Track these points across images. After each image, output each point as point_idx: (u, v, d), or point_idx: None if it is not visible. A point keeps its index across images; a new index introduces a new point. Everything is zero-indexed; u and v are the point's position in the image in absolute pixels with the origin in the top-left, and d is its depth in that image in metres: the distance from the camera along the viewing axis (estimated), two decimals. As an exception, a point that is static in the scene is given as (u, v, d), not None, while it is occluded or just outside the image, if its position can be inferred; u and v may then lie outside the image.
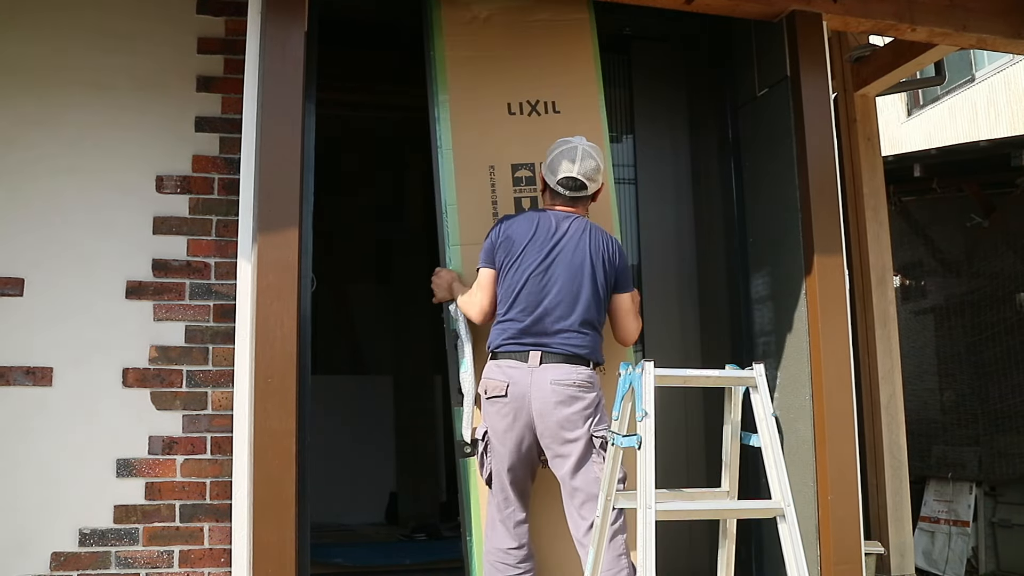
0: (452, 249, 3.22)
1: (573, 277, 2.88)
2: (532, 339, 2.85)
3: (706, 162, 4.07)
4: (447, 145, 3.29)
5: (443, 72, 3.35)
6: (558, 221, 2.96)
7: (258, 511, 2.65)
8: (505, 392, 2.81)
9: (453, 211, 3.24)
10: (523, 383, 2.81)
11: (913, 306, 6.11)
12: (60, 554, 3.00)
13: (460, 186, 3.27)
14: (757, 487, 3.40)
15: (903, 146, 9.42)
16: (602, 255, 2.93)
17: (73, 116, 3.23)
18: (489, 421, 2.89)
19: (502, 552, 2.86)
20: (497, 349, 2.90)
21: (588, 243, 2.92)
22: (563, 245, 2.91)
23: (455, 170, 3.28)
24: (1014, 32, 3.69)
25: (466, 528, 3.08)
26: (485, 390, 2.88)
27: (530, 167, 3.35)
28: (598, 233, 2.97)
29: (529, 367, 2.82)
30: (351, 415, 6.57)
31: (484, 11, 3.45)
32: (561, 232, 2.93)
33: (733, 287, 3.88)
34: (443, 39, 3.38)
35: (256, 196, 2.84)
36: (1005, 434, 5.31)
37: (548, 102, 3.42)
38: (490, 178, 3.31)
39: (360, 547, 5.37)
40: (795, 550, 2.43)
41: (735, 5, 3.49)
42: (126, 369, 3.14)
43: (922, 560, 5.44)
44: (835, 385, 3.25)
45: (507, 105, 3.40)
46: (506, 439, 2.84)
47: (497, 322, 2.93)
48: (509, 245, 2.93)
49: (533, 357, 2.83)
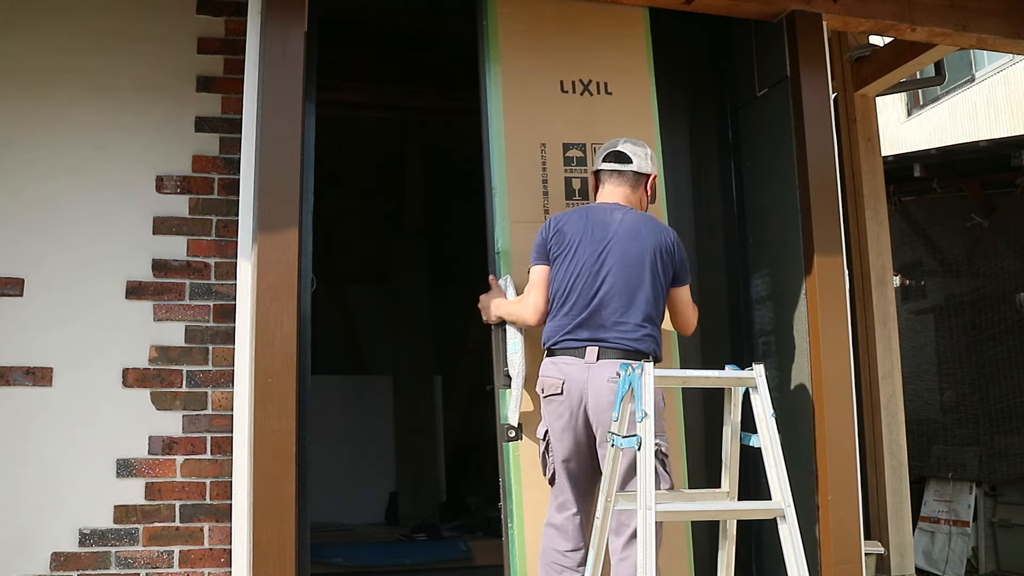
0: (500, 227, 3.15)
1: (631, 269, 2.80)
2: (588, 333, 2.76)
3: (706, 162, 4.06)
4: (498, 117, 3.23)
5: (495, 43, 3.29)
6: (611, 212, 2.88)
7: (258, 511, 2.65)
8: (561, 390, 2.73)
9: (503, 186, 3.18)
10: (579, 380, 2.72)
11: (913, 306, 6.11)
12: (60, 554, 3.00)
13: (510, 162, 3.21)
14: (758, 487, 3.40)
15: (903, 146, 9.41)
16: (662, 247, 2.84)
17: (73, 116, 3.23)
18: (548, 420, 2.81)
19: (559, 554, 2.78)
20: (553, 345, 2.81)
21: (647, 235, 2.84)
22: (619, 236, 2.82)
23: (505, 145, 3.21)
24: (1014, 32, 3.69)
25: (507, 515, 2.99)
26: (542, 389, 2.80)
27: (581, 147, 3.30)
28: (656, 224, 2.91)
29: (586, 363, 2.74)
30: (351, 415, 6.57)
31: None
32: (616, 223, 2.84)
33: (733, 287, 3.88)
34: (496, 11, 3.32)
35: (256, 196, 2.84)
36: (1005, 434, 5.31)
37: (600, 82, 3.37)
38: (541, 155, 3.26)
39: (360, 547, 5.37)
40: (795, 550, 2.43)
41: (735, 5, 3.49)
42: (126, 369, 3.14)
43: (922, 560, 5.43)
44: (835, 385, 3.25)
45: (559, 83, 3.34)
46: (564, 438, 2.77)
47: (551, 318, 2.85)
48: (561, 239, 2.85)
49: (590, 352, 2.74)
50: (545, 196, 3.23)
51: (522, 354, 2.98)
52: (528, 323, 2.94)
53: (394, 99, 5.58)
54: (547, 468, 2.84)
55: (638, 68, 3.43)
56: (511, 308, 2.99)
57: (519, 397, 2.97)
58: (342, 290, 7.23)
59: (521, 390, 2.97)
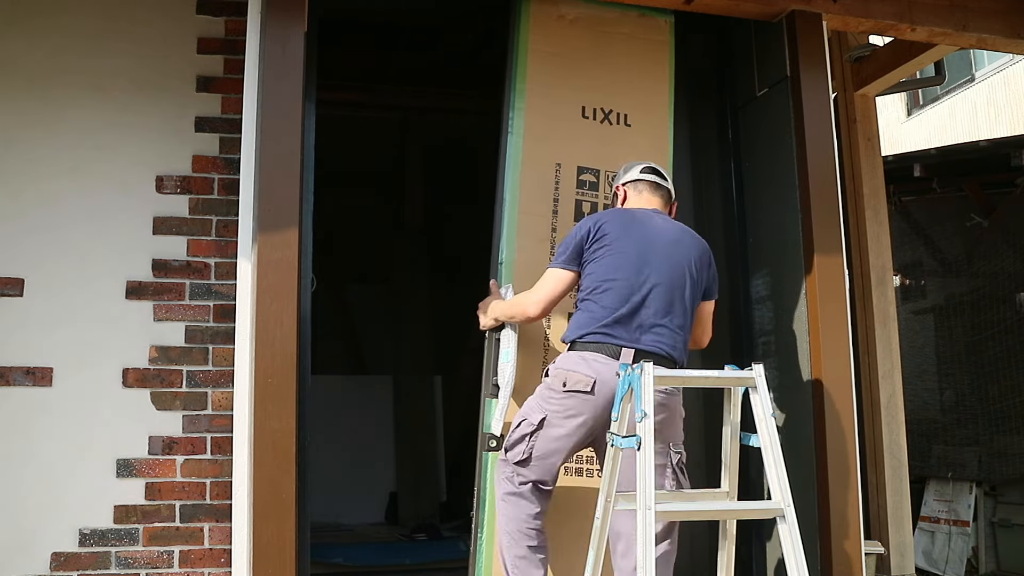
0: (507, 238, 3.18)
1: (674, 274, 2.76)
2: (626, 333, 2.68)
3: (706, 162, 4.06)
4: (518, 132, 3.27)
5: (524, 62, 3.35)
6: (654, 217, 2.86)
7: (258, 511, 2.65)
8: (592, 389, 2.64)
9: (514, 199, 3.21)
10: (612, 383, 2.61)
11: (913, 306, 6.11)
12: (60, 554, 3.00)
13: (524, 176, 3.25)
14: (759, 487, 3.40)
15: (903, 146, 9.42)
16: (701, 258, 2.85)
17: (73, 116, 3.23)
18: (555, 411, 2.69)
19: (531, 518, 2.71)
20: (582, 338, 2.71)
21: (688, 243, 2.84)
22: (663, 240, 2.79)
23: (521, 160, 3.26)
24: (1014, 32, 3.69)
25: (478, 525, 3.00)
26: (564, 382, 2.67)
27: (595, 172, 3.37)
28: (694, 235, 2.90)
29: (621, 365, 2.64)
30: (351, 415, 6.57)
31: (572, 12, 3.47)
32: (660, 228, 2.82)
33: (733, 287, 3.88)
34: (528, 31, 3.38)
35: (256, 196, 2.84)
36: (1005, 434, 5.32)
37: (621, 113, 3.46)
38: (555, 175, 3.31)
39: (360, 547, 5.37)
40: (795, 550, 2.43)
41: (735, 5, 3.49)
42: (126, 369, 3.14)
43: (922, 560, 5.44)
44: (835, 385, 3.25)
45: (581, 108, 3.41)
46: (574, 433, 2.68)
47: (583, 309, 2.75)
48: (603, 236, 2.77)
49: (626, 355, 2.66)
50: (555, 215, 3.28)
51: (514, 364, 2.95)
52: (528, 314, 2.86)
53: (394, 99, 5.59)
54: (521, 450, 2.72)
55: (659, 104, 3.52)
56: (510, 304, 2.95)
57: (505, 407, 2.94)
58: (342, 290, 7.23)
59: (509, 400, 2.94)
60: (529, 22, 3.40)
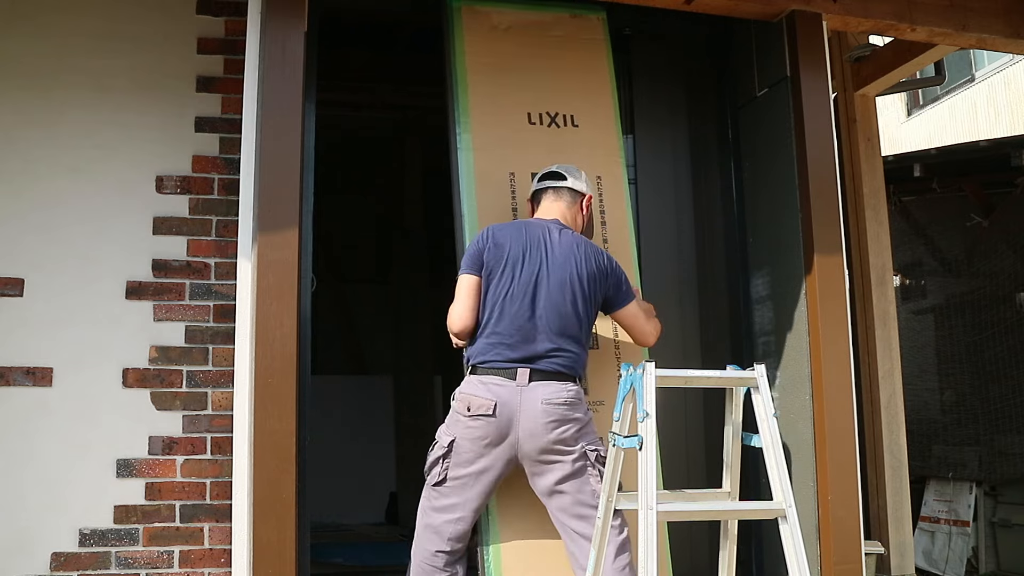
0: None
1: (561, 291, 2.78)
2: (520, 354, 2.73)
3: (706, 162, 4.07)
4: (467, 147, 3.28)
5: (464, 76, 3.36)
6: (548, 231, 2.87)
7: (258, 511, 2.65)
8: (493, 411, 2.69)
9: (472, 213, 3.20)
10: (511, 403, 2.69)
11: (913, 306, 6.11)
12: (60, 554, 3.00)
13: (480, 191, 3.24)
14: (758, 487, 3.40)
15: (903, 146, 9.42)
16: (591, 274, 2.82)
17: (73, 116, 3.23)
18: (462, 434, 2.74)
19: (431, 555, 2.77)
20: (480, 364, 2.77)
21: (580, 258, 2.83)
22: (554, 257, 2.81)
23: (475, 174, 3.25)
24: (1014, 32, 3.69)
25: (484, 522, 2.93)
26: (468, 407, 2.72)
27: None
28: (589, 247, 2.89)
29: (517, 385, 2.70)
30: (351, 415, 6.57)
31: (504, 21, 3.49)
32: (552, 243, 2.83)
33: (733, 287, 3.88)
34: (463, 44, 3.40)
35: (256, 196, 2.84)
36: (1005, 434, 5.32)
37: (567, 115, 3.46)
38: (510, 184, 3.29)
39: (360, 547, 5.38)
40: (797, 551, 2.43)
41: (735, 5, 3.49)
42: (126, 369, 3.14)
43: (922, 560, 5.44)
44: (835, 385, 3.24)
45: (527, 115, 3.42)
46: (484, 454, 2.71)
47: (480, 335, 2.80)
48: (499, 252, 2.81)
49: (521, 375, 2.71)
50: None
51: None
52: (452, 333, 2.86)
53: (393, 99, 5.58)
54: (437, 472, 2.79)
55: (603, 103, 3.52)
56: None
57: None
58: (342, 290, 7.24)
59: None
60: (463, 36, 3.41)
